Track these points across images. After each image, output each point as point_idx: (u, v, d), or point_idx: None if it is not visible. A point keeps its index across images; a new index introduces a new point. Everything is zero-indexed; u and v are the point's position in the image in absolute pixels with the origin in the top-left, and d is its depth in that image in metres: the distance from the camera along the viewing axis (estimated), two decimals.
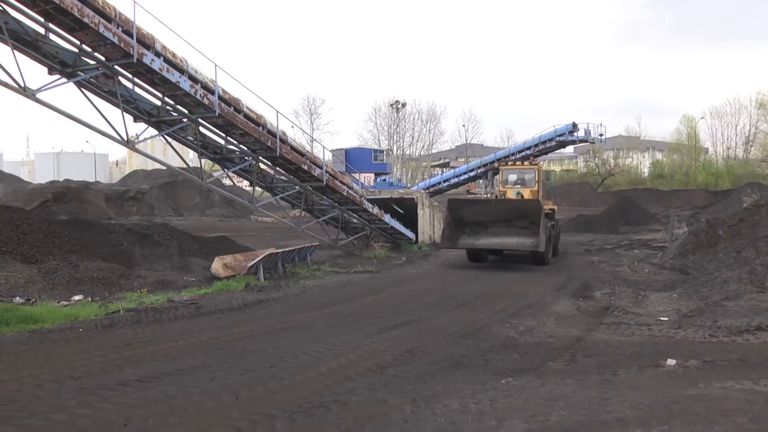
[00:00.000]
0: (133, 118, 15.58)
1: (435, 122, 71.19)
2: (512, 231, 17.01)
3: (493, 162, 42.72)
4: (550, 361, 6.77)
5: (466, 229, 17.78)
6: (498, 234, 17.29)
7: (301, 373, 6.22)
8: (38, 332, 8.12)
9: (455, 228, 17.86)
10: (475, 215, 17.79)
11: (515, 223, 17.01)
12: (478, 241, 17.50)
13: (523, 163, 21.26)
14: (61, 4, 11.92)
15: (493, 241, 17.42)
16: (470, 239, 17.63)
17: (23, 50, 13.09)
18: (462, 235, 17.75)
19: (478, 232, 17.65)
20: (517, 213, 17.03)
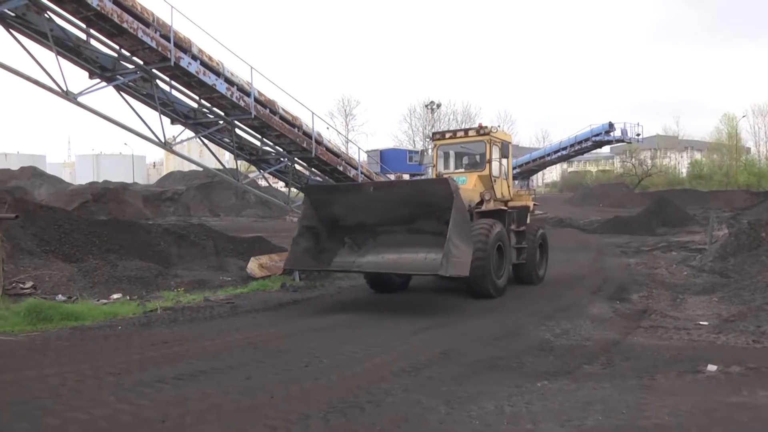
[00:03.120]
0: (170, 120, 15.89)
1: (470, 123, 70.74)
2: (416, 239, 10.81)
3: (528, 163, 42.38)
4: (586, 364, 6.66)
5: (346, 236, 11.65)
6: (392, 245, 11.09)
7: (336, 373, 6.24)
8: (79, 329, 8.34)
9: (326, 235, 11.58)
10: (353, 212, 11.25)
11: (420, 223, 10.78)
12: (363, 259, 11.33)
13: (467, 133, 13.87)
14: (102, 10, 12.23)
15: (381, 260, 11.13)
16: (350, 256, 11.50)
17: (66, 56, 13.45)
18: (338, 249, 11.62)
19: (364, 243, 11.52)
20: (420, 206, 10.48)
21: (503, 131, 15.20)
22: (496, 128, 13.75)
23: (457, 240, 9.72)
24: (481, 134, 13.49)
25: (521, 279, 13.53)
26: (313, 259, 11.39)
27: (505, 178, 14.17)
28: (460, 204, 10.14)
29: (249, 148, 17.68)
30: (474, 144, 13.76)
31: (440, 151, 14.47)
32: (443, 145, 14.41)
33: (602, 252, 20.84)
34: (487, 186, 13.18)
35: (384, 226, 11.14)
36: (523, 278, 13.58)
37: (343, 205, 11.35)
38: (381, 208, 10.87)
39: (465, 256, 10.03)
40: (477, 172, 13.46)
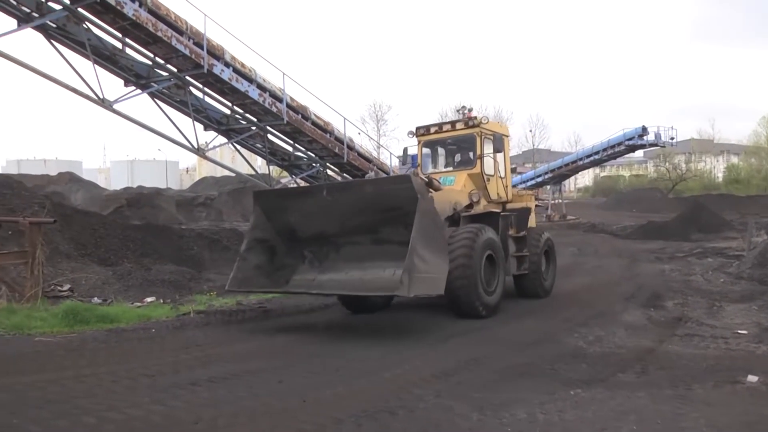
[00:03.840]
0: (203, 126, 16.16)
1: None
2: (383, 251, 8.96)
3: (560, 167, 41.90)
4: (620, 372, 6.54)
5: (306, 249, 9.86)
6: (356, 259, 9.28)
7: (368, 378, 6.25)
8: (114, 331, 8.49)
9: (284, 249, 9.87)
10: (310, 221, 9.50)
11: (386, 232, 8.97)
12: (324, 277, 9.52)
13: (455, 126, 12.06)
14: (137, 20, 12.52)
15: (344, 277, 9.27)
16: (310, 272, 9.72)
17: (102, 64, 13.80)
18: (298, 265, 9.87)
19: (325, 257, 9.72)
20: (383, 210, 8.72)
21: (498, 123, 13.46)
22: (487, 119, 12.04)
23: (424, 251, 7.98)
24: (469, 126, 11.75)
25: (524, 292, 12.11)
26: (266, 278, 9.58)
27: (501, 176, 12.44)
28: (427, 207, 8.36)
29: (281, 153, 17.88)
30: (463, 138, 12.04)
31: (425, 148, 12.73)
32: (428, 141, 12.61)
33: (636, 258, 20.47)
34: (478, 186, 11.58)
35: (346, 236, 9.32)
36: (527, 291, 12.09)
37: (299, 212, 9.55)
38: (340, 214, 9.07)
39: (437, 271, 8.29)
40: (467, 170, 11.75)
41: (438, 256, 8.40)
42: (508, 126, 13.02)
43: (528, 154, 71.92)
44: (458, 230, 10.12)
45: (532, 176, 44.29)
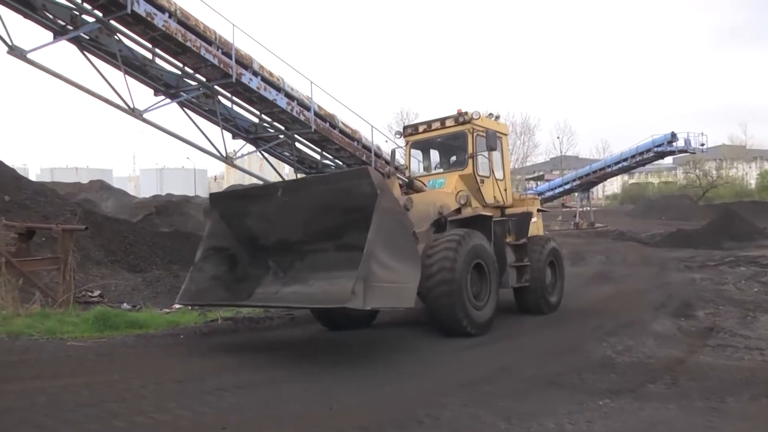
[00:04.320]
0: (231, 135, 16.37)
1: (529, 134, 69.71)
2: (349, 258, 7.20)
3: (588, 174, 41.51)
4: (649, 383, 6.42)
5: (270, 259, 8.67)
6: (322, 268, 8.05)
7: (393, 386, 6.24)
8: (143, 337, 8.60)
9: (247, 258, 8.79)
10: (271, 226, 8.40)
11: (351, 237, 7.50)
12: (288, 289, 8.29)
13: (444, 124, 11.07)
14: (167, 30, 12.75)
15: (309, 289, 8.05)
16: (274, 284, 8.50)
17: (133, 74, 14.07)
18: (262, 276, 8.65)
19: (290, 267, 8.50)
20: (346, 211, 7.47)
21: (495, 120, 11.97)
22: (479, 114, 10.92)
23: (385, 256, 6.85)
24: (460, 123, 10.84)
25: (525, 307, 11.03)
26: (225, 290, 8.54)
27: (499, 178, 11.45)
28: (389, 204, 7.13)
29: (309, 161, 18.03)
30: (454, 136, 11.10)
31: (415, 149, 11.81)
32: (418, 142, 11.64)
33: (665, 266, 20.12)
34: (471, 188, 10.66)
35: (310, 242, 8.12)
36: (528, 306, 10.99)
37: (259, 216, 8.42)
38: (302, 217, 7.93)
39: (404, 280, 7.14)
40: (458, 171, 10.89)
41: (405, 262, 7.22)
42: (507, 124, 12.15)
43: (556, 161, 71.34)
44: (440, 237, 8.94)
45: (560, 183, 44.03)
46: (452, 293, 8.33)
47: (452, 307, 8.36)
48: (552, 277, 11.53)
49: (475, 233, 9.22)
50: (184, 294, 8.50)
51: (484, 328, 8.95)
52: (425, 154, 11.98)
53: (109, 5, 12.37)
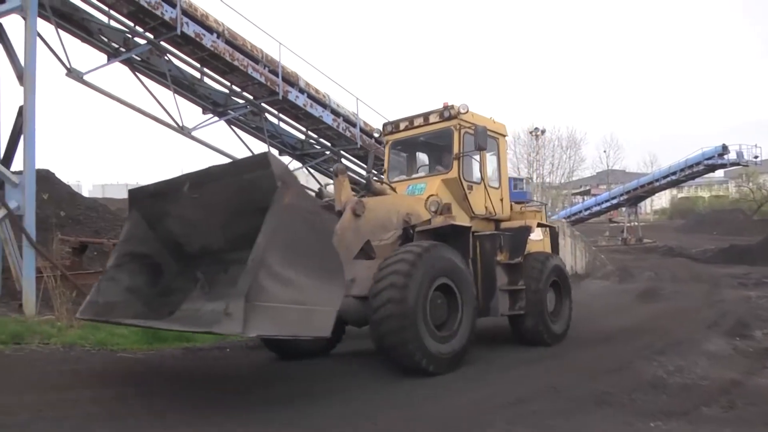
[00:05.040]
0: (278, 151, 16.63)
1: (575, 148, 68.47)
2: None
3: (636, 189, 40.70)
4: (704, 406, 6.19)
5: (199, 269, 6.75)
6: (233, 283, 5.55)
7: (437, 403, 6.19)
8: (191, 350, 8.78)
9: (174, 268, 7.21)
10: (193, 230, 6.85)
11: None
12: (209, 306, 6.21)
13: (428, 120, 9.66)
14: (215, 50, 13.11)
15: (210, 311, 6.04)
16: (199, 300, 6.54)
17: (182, 93, 14.48)
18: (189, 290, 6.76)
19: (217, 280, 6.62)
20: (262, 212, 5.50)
21: (492, 119, 10.26)
22: (467, 107, 9.28)
23: (284, 267, 5.36)
24: (445, 118, 9.38)
25: (522, 338, 9.53)
26: (144, 306, 6.95)
27: (493, 185, 10.02)
28: (294, 201, 5.53)
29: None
30: (438, 134, 9.62)
31: (395, 149, 10.43)
32: (399, 141, 10.22)
33: (717, 284, 19.45)
34: (456, 195, 9.23)
35: (232, 250, 6.27)
36: (525, 337, 9.47)
37: (178, 218, 6.88)
38: (217, 219, 6.42)
39: (315, 300, 5.55)
40: (440, 175, 9.46)
41: (319, 277, 5.60)
42: (504, 124, 10.48)
43: (602, 176, 70.02)
44: (397, 250, 7.51)
45: (607, 198, 43.27)
46: (402, 321, 6.73)
47: (401, 336, 6.75)
48: (556, 301, 10.02)
49: (444, 248, 7.68)
50: (87, 307, 6.88)
51: (449, 364, 7.30)
52: (408, 155, 10.60)
53: (160, 27, 12.80)
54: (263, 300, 5.17)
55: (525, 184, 38.89)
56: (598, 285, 19.28)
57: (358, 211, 7.35)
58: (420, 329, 6.94)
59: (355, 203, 7.38)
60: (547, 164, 67.41)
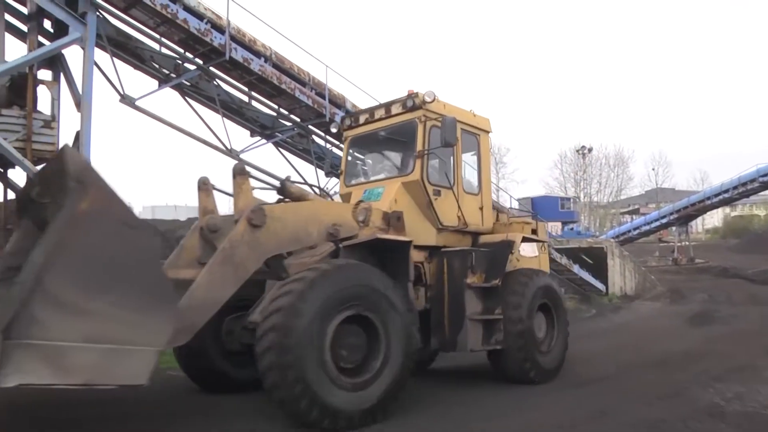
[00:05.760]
0: (324, 173, 16.80)
1: (623, 167, 67.51)
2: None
3: (686, 207, 39.67)
4: None
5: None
6: None
7: (486, 424, 6.11)
8: None
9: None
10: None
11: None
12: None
13: (390, 111, 8.15)
14: (263, 74, 13.42)
15: None
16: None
17: (230, 116, 14.84)
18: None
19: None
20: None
21: (473, 111, 8.75)
22: (433, 94, 7.69)
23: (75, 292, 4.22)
24: (409, 109, 7.86)
25: (504, 374, 8.03)
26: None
27: (470, 189, 8.55)
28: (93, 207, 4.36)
29: None
30: (401, 128, 8.11)
31: (355, 147, 8.92)
32: (359, 138, 8.74)
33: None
34: (419, 201, 7.72)
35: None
36: (507, 372, 7.97)
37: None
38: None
39: (126, 336, 4.40)
40: (401, 177, 7.93)
41: (133, 307, 4.41)
42: (488, 119, 8.95)
43: (651, 194, 68.50)
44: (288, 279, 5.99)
45: (656, 217, 42.28)
46: (286, 359, 5.26)
47: (286, 382, 5.28)
48: (547, 328, 8.44)
49: (361, 268, 6.17)
50: None
51: (365, 418, 5.76)
52: (369, 153, 9.10)
53: (209, 53, 13.19)
54: (36, 337, 4.01)
55: (572, 204, 38.17)
56: (649, 307, 18.73)
57: (257, 220, 5.95)
58: (312, 377, 5.33)
59: (253, 211, 6.01)
60: (594, 183, 66.56)
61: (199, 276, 5.58)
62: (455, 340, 7.46)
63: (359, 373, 5.87)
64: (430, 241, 7.89)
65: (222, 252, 5.75)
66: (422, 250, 7.76)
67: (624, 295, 22.44)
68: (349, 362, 5.83)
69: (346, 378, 5.72)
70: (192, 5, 12.35)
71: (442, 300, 7.58)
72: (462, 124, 8.16)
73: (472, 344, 7.51)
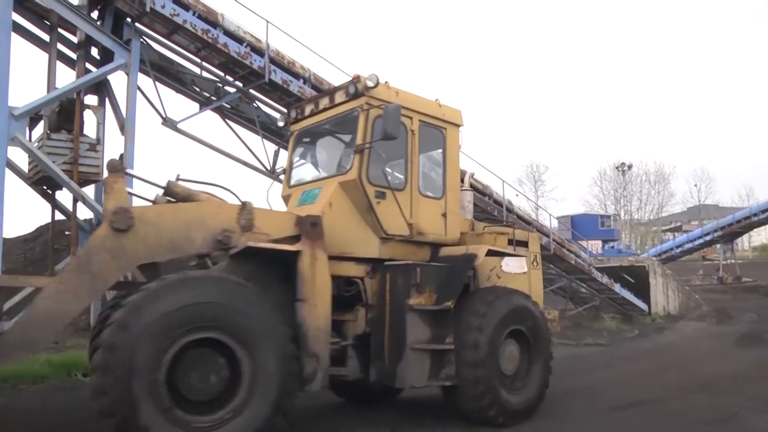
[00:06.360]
0: None
1: (664, 183, 66.20)
2: None
3: (731, 224, 38.63)
4: None
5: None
6: None
7: None
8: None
9: None
10: None
11: None
12: None
13: (334, 100, 7.04)
14: (302, 95, 13.61)
15: None
16: None
17: (270, 138, 15.05)
18: None
19: None
20: None
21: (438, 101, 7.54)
22: (376, 78, 6.57)
23: None
24: (351, 96, 6.76)
25: (459, 412, 6.71)
26: None
27: (430, 193, 7.32)
28: None
29: None
30: (344, 119, 7.06)
31: (300, 142, 7.89)
32: (305, 132, 7.76)
33: None
34: (358, 204, 6.62)
35: None
36: (462, 411, 6.66)
37: None
38: None
39: None
40: (339, 176, 6.87)
41: None
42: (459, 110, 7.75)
43: (693, 211, 66.90)
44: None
45: (700, 234, 41.24)
46: (106, 389, 4.51)
47: (105, 411, 4.54)
48: (520, 360, 6.96)
49: (219, 283, 5.17)
50: None
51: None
52: (314, 149, 8.00)
53: (249, 76, 13.45)
54: None
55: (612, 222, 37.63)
56: (694, 327, 18.25)
57: (120, 223, 5.20)
58: (134, 396, 4.50)
59: (116, 212, 5.21)
60: (634, 200, 65.41)
61: (47, 286, 4.97)
62: (395, 373, 6.22)
63: (213, 409, 4.90)
64: (371, 253, 6.69)
65: (77, 259, 5.05)
66: (362, 264, 6.68)
67: (667, 314, 21.95)
68: (201, 395, 4.88)
69: (189, 414, 4.75)
70: (232, 29, 12.64)
71: (383, 324, 6.43)
72: (420, 115, 7.14)
73: (414, 379, 6.21)
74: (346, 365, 6.34)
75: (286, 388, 5.17)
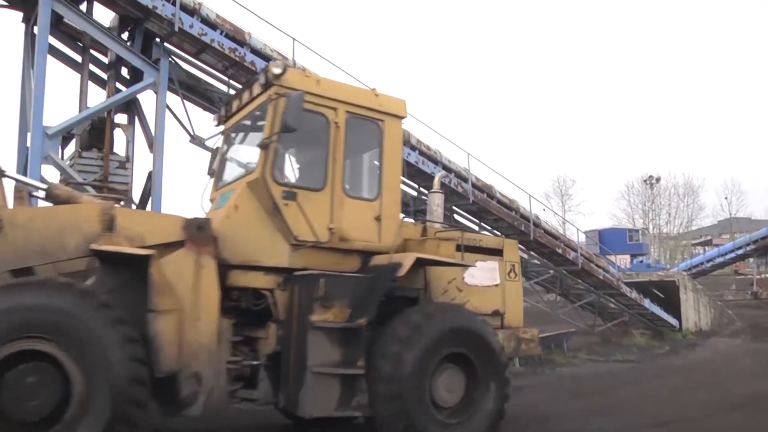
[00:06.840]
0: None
1: (693, 196, 65.04)
2: None
3: (764, 238, 37.76)
4: None
5: None
6: None
7: None
8: None
9: None
10: None
11: None
12: None
13: (252, 91, 6.36)
14: None
15: None
16: None
17: None
18: None
19: None
20: None
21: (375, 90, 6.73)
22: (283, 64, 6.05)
23: None
24: (264, 87, 6.10)
25: None
26: None
27: (360, 194, 6.71)
28: None
29: None
30: (258, 113, 6.46)
31: (227, 140, 7.30)
32: (230, 128, 7.20)
33: None
34: (265, 207, 5.87)
35: None
36: None
37: None
38: None
39: None
40: (246, 176, 6.18)
41: None
42: (402, 100, 6.78)
43: (724, 224, 65.51)
44: None
45: (731, 248, 40.32)
46: None
47: None
48: (465, 389, 5.92)
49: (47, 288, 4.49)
50: None
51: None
52: (237, 147, 7.27)
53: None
54: None
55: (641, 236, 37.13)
56: (727, 343, 17.81)
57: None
58: None
59: None
60: (663, 214, 64.36)
61: None
62: (296, 399, 5.41)
63: (48, 426, 4.28)
64: (281, 262, 5.87)
65: None
66: (272, 274, 5.86)
67: (699, 330, 21.51)
68: (34, 413, 4.25)
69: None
70: (258, 48, 12.81)
71: (290, 343, 5.64)
72: (348, 106, 6.26)
73: (315, 408, 5.33)
74: (257, 387, 5.59)
75: (122, 410, 4.36)
